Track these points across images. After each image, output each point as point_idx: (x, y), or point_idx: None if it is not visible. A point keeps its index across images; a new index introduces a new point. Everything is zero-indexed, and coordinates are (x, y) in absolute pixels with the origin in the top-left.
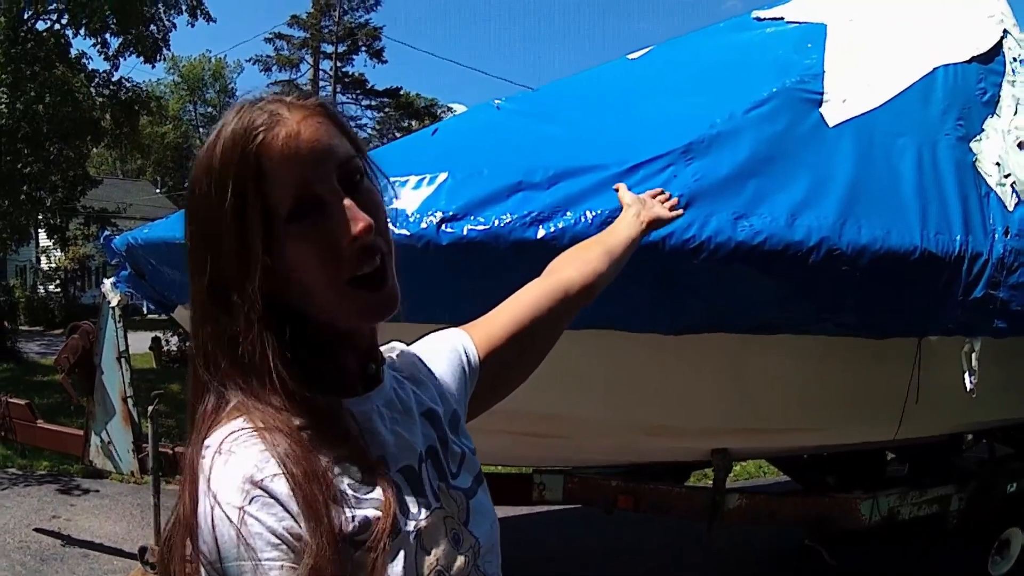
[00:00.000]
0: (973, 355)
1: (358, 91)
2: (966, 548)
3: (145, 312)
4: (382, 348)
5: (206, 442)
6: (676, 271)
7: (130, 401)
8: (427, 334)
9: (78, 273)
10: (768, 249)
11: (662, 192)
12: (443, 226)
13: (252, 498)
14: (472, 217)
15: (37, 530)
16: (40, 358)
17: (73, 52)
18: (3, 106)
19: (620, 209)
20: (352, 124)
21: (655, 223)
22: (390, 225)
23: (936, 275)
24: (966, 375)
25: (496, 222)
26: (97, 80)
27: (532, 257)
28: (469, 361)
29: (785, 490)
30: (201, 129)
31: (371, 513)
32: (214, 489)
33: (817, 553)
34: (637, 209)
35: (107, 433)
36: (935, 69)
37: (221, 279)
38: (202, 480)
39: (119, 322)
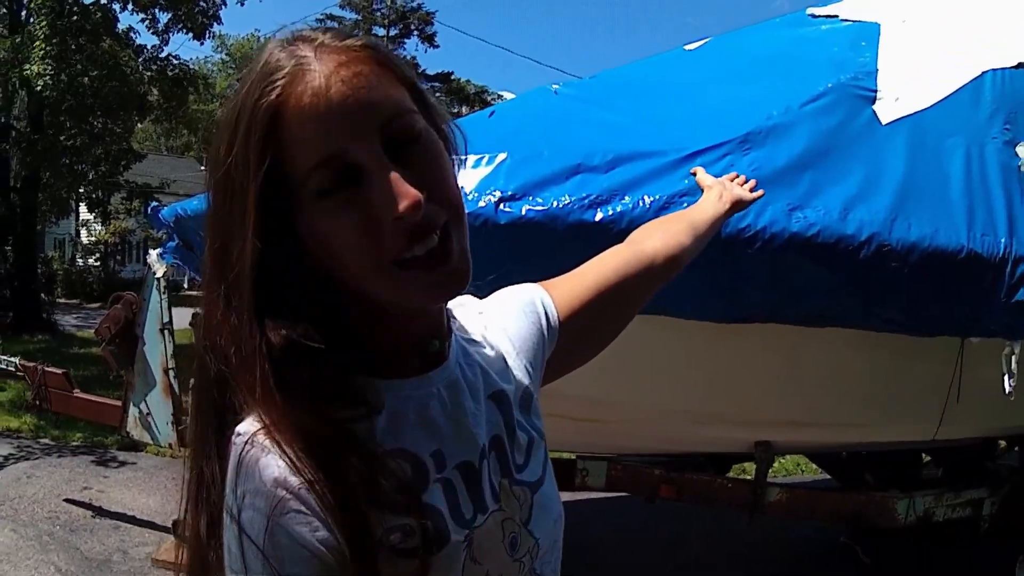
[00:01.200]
0: (1013, 358)
1: None
2: (995, 552)
3: (185, 287)
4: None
5: (239, 428)
6: (731, 260)
7: (171, 373)
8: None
9: (118, 247)
10: (821, 241)
11: (738, 176)
12: (502, 205)
13: (285, 507)
14: (531, 198)
15: (67, 500)
16: (76, 331)
17: (120, 27)
18: (48, 78)
19: (678, 195)
20: None
21: (738, 204)
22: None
23: (981, 276)
24: (1005, 377)
25: (555, 203)
26: (145, 55)
27: (589, 239)
28: (549, 322)
29: (824, 486)
30: None
31: (411, 521)
32: (243, 489)
33: (852, 551)
34: (719, 190)
35: (146, 404)
36: (984, 73)
37: (227, 260)
38: (231, 472)
39: (164, 293)
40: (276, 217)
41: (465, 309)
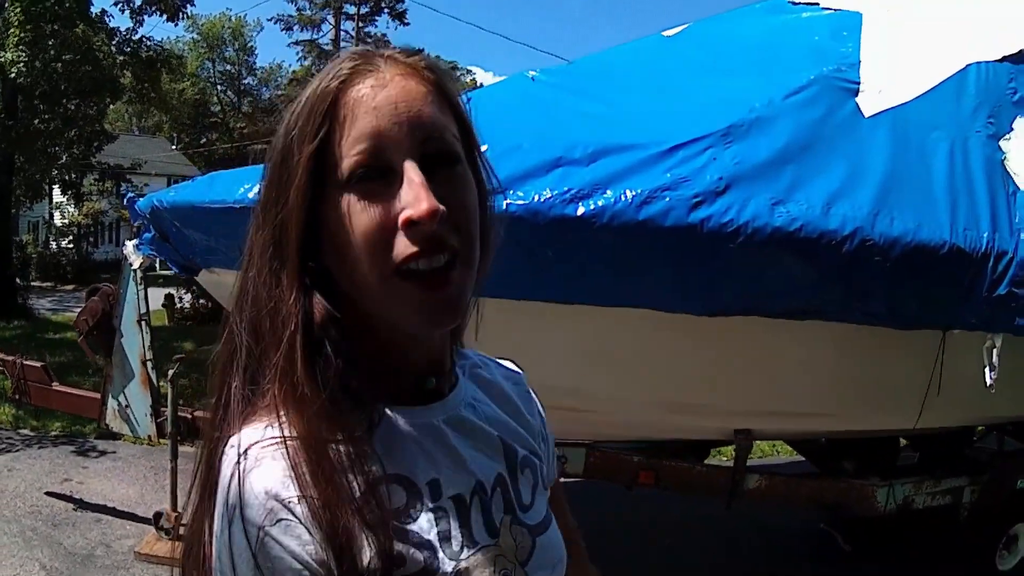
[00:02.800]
0: (994, 351)
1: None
2: (975, 541)
3: (157, 269)
4: (489, 357)
5: (232, 440)
6: (712, 254)
7: (149, 364)
8: None
9: (91, 229)
10: (803, 236)
11: None
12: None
13: (276, 519)
14: (511, 191)
15: (49, 494)
16: (52, 315)
17: (94, 11)
18: (21, 64)
19: (660, 189)
20: None
21: None
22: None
23: (963, 270)
24: (986, 370)
25: (536, 197)
26: (118, 38)
27: (570, 234)
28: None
29: (803, 473)
30: (219, 87)
31: (402, 548)
32: (233, 502)
33: (832, 538)
34: None
35: (125, 396)
36: (968, 66)
37: (279, 236)
38: (222, 484)
39: (140, 284)
40: (313, 196)
41: (504, 365)
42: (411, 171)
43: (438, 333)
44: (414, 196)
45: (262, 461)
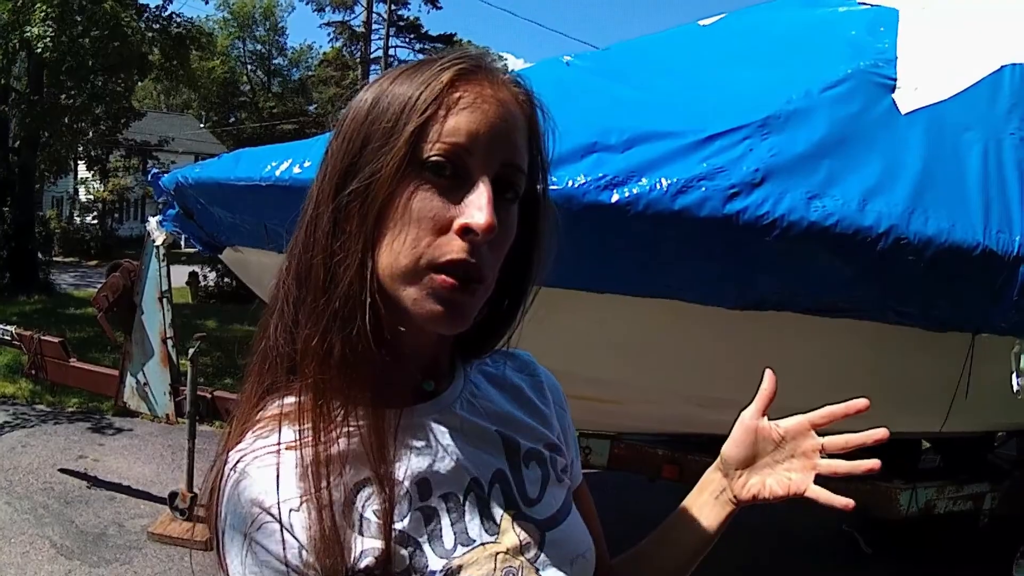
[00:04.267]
0: (1022, 356)
1: (412, 35)
2: (994, 548)
3: (182, 247)
4: (502, 351)
5: (230, 454)
6: (747, 246)
7: (170, 343)
8: None
9: (116, 205)
10: (839, 232)
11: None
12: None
13: (259, 525)
14: None
15: (62, 471)
16: (74, 290)
17: None
18: (48, 40)
19: (696, 179)
20: None
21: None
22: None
23: (995, 274)
24: (1013, 376)
25: (570, 183)
26: (148, 14)
27: (605, 222)
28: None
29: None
30: (249, 66)
31: (389, 547)
32: (223, 511)
33: (853, 540)
34: (720, 483)
35: (143, 374)
36: (1003, 67)
37: (359, 204)
38: (216, 495)
39: (163, 261)
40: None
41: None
42: (484, 184)
43: (438, 334)
44: (479, 206)
45: (249, 471)
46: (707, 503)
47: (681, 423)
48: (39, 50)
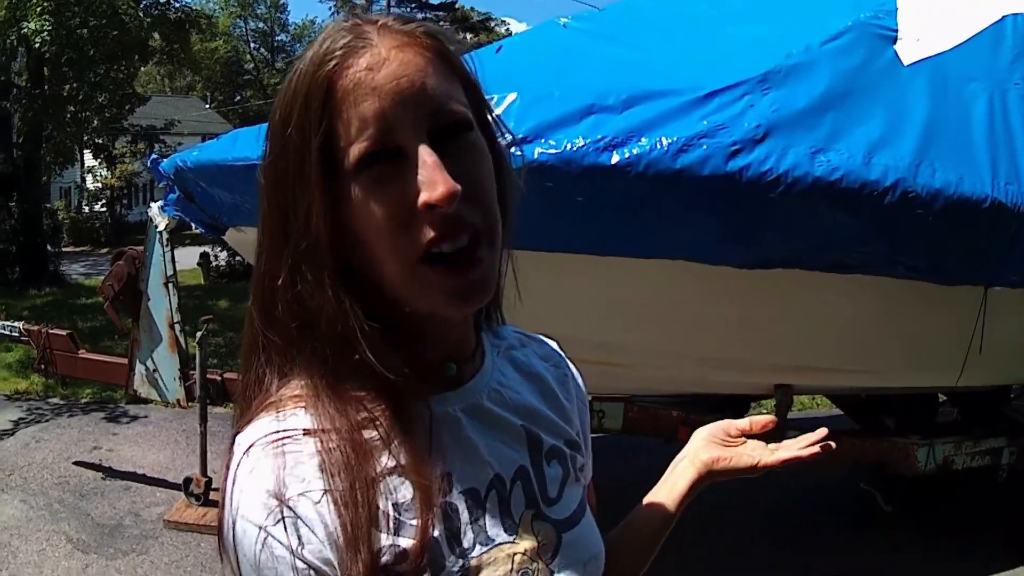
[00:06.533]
0: None
1: (413, 3)
2: (1013, 503)
3: (193, 228)
4: (529, 335)
5: (239, 439)
6: (752, 204)
7: (177, 327)
8: None
9: (124, 191)
10: (845, 186)
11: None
12: (512, 149)
13: (276, 518)
14: (543, 140)
15: (77, 463)
16: (84, 279)
17: None
18: (46, 34)
19: (697, 136)
20: None
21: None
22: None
23: (1005, 226)
24: None
25: (568, 146)
26: (145, 1)
27: (604, 183)
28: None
29: (844, 430)
30: (252, 45)
31: (405, 544)
32: (236, 501)
33: (872, 498)
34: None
35: (152, 361)
36: (1004, 17)
37: (293, 226)
38: (228, 482)
39: (167, 247)
40: (327, 196)
41: (546, 344)
42: (423, 152)
43: (462, 316)
44: (429, 179)
45: (264, 459)
46: (675, 473)
47: (693, 384)
48: (37, 44)
